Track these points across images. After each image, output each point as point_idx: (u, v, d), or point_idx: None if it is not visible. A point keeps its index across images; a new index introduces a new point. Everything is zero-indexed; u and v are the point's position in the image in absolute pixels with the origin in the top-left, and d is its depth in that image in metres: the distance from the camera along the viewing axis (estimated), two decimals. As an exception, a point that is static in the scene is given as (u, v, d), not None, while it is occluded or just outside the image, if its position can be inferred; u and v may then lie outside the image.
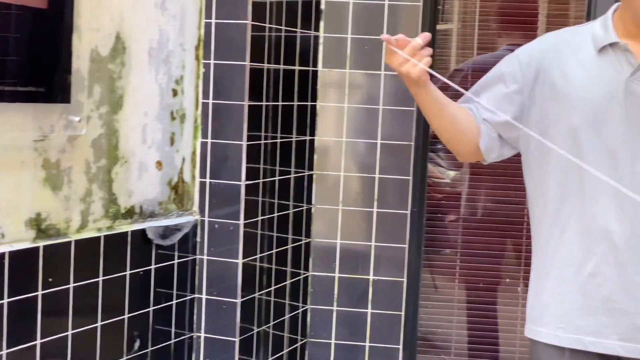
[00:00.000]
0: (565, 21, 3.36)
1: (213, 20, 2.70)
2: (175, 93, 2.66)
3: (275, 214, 2.92)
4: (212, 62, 2.72)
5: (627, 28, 2.10)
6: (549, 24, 3.36)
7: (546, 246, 2.22)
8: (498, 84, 2.26)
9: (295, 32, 2.97)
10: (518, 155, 2.29)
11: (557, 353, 2.16)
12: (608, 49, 2.11)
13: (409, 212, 3.11)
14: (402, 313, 3.12)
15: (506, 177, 3.30)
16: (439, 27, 3.29)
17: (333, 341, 3.14)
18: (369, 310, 3.12)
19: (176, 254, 2.66)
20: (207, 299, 2.75)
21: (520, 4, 3.35)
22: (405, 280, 3.12)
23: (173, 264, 2.65)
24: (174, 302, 2.67)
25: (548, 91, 2.16)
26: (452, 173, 3.46)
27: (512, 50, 3.27)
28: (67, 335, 2.25)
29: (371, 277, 3.12)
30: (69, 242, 2.24)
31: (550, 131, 2.14)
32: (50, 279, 2.17)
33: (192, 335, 2.76)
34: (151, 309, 2.57)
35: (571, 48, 2.16)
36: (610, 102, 2.08)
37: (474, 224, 3.40)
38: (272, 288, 2.93)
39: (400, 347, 3.13)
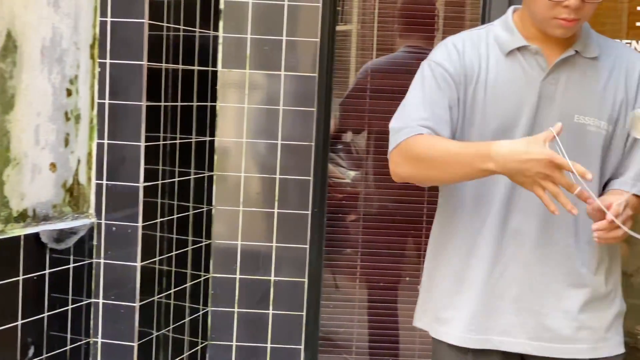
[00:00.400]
0: (462, 23, 3.42)
1: (109, 19, 2.65)
2: (69, 93, 2.59)
3: (175, 216, 2.88)
4: (108, 61, 2.66)
5: (529, 30, 2.12)
6: (446, 26, 3.41)
7: (458, 246, 2.20)
8: (435, 99, 2.13)
9: (194, 31, 2.93)
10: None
11: (461, 353, 2.18)
12: (516, 52, 2.12)
13: (310, 212, 3.12)
14: (304, 313, 3.12)
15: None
16: (338, 28, 3.30)
17: (234, 343, 3.12)
18: (270, 312, 3.11)
19: (72, 257, 2.59)
20: (104, 304, 2.69)
21: (418, 5, 3.39)
22: (306, 280, 3.12)
23: (68, 268, 2.58)
24: (70, 307, 2.60)
25: (466, 97, 2.14)
26: (352, 173, 3.47)
27: (411, 53, 3.36)
28: (-44, 344, 2.18)
29: (272, 278, 3.11)
30: (-42, 248, 2.17)
31: (465, 136, 2.13)
32: (-63, 286, 2.10)
33: (89, 341, 2.70)
34: (46, 314, 2.50)
35: (479, 52, 2.16)
36: (522, 106, 2.10)
37: (374, 224, 3.42)
38: (172, 291, 2.89)
39: (302, 347, 3.13)
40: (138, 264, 2.66)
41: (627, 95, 2.13)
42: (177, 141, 2.87)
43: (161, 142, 2.77)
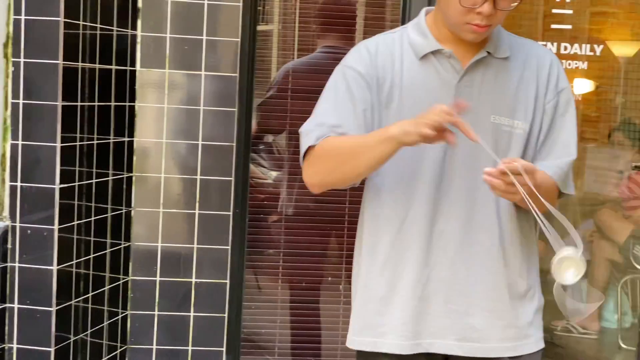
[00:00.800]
0: (382, 24, 3.44)
1: (22, 17, 2.59)
2: (-19, 93, 2.53)
3: (93, 218, 2.83)
4: (22, 60, 2.60)
5: (442, 32, 2.12)
6: (366, 26, 3.42)
7: (382, 253, 2.19)
8: (347, 104, 2.11)
9: (112, 30, 2.89)
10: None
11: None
12: (430, 56, 2.12)
13: (231, 213, 3.10)
14: (226, 315, 3.10)
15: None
16: (259, 27, 3.29)
17: (154, 347, 3.08)
18: (192, 314, 3.08)
19: (-15, 262, 2.53)
20: (19, 309, 2.63)
21: (339, 6, 3.40)
22: (228, 281, 3.10)
23: (-19, 272, 2.52)
24: (-17, 312, 2.54)
25: (380, 100, 2.13)
26: (274, 173, 3.47)
27: (331, 53, 3.36)
28: None
29: (193, 279, 3.08)
30: None
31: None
32: None
33: (4, 347, 2.63)
34: (-42, 320, 2.43)
35: (393, 56, 2.15)
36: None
37: (296, 224, 3.42)
38: (90, 294, 2.84)
39: (224, 349, 3.11)
40: (54, 268, 2.61)
41: (539, 92, 2.15)
42: (95, 142, 2.82)
43: (78, 143, 2.71)
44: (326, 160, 2.08)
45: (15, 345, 2.64)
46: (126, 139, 3.02)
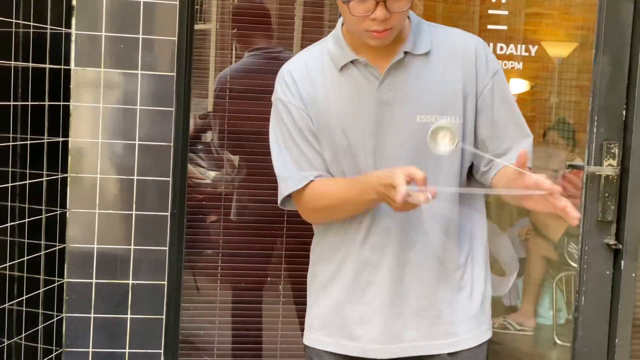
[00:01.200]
0: (320, 23, 3.44)
1: (-48, 14, 2.53)
2: None
3: (26, 220, 2.77)
4: (-48, 58, 2.54)
5: (357, 41, 2.11)
6: (305, 26, 3.42)
7: (330, 254, 2.22)
8: (306, 140, 2.17)
9: (45, 28, 2.83)
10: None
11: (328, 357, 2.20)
12: (349, 65, 2.12)
13: (169, 214, 3.07)
14: (163, 317, 3.07)
15: (266, 176, 3.32)
16: (197, 26, 3.26)
17: (91, 349, 3.03)
18: (129, 316, 3.05)
19: None
20: (-50, 313, 2.57)
21: (277, 5, 3.39)
22: (166, 283, 3.07)
23: None
24: None
25: (315, 122, 2.15)
26: (212, 174, 3.45)
27: (270, 53, 3.36)
28: None
29: (130, 281, 3.05)
30: None
31: (328, 157, 2.16)
32: None
33: None
34: None
35: (315, 74, 2.16)
36: (363, 119, 2.11)
37: (235, 224, 3.40)
38: (24, 297, 2.78)
39: (162, 351, 3.08)
40: (-13, 271, 2.56)
41: (467, 81, 2.13)
42: (28, 142, 2.77)
43: (10, 143, 2.66)
44: (316, 210, 2.19)
45: (-54, 351, 2.58)
46: (61, 139, 2.97)
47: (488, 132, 2.16)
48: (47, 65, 2.86)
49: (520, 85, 4.07)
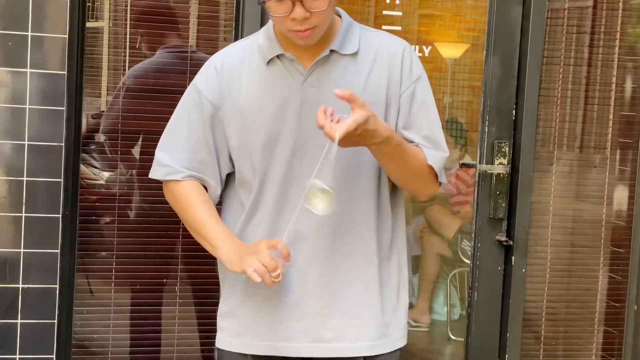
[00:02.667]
0: (216, 22, 3.42)
1: None
2: None
3: None
4: None
5: (286, 37, 2.13)
6: (200, 25, 3.39)
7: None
8: (202, 137, 2.21)
9: None
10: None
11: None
12: (276, 60, 2.13)
13: (60, 215, 3.00)
14: (55, 321, 3.00)
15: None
16: (88, 24, 3.19)
17: (-21, 357, 2.94)
18: (19, 321, 2.96)
19: None
20: None
21: (172, 4, 3.35)
22: (57, 286, 3.00)
23: None
24: None
25: (232, 114, 2.15)
26: (106, 174, 3.38)
27: (170, 52, 3.31)
28: None
29: (20, 285, 2.96)
30: None
31: (242, 152, 2.16)
32: None
33: None
34: None
35: (241, 66, 2.16)
36: (285, 114, 2.11)
37: (130, 225, 3.34)
38: None
39: (54, 356, 3.01)
40: None
41: (391, 84, 2.16)
42: None
43: None
44: (173, 205, 2.28)
45: None
46: (-55, 139, 2.87)
47: (401, 134, 2.18)
48: None
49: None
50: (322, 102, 2.09)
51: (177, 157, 2.21)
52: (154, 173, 2.29)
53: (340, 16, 2.18)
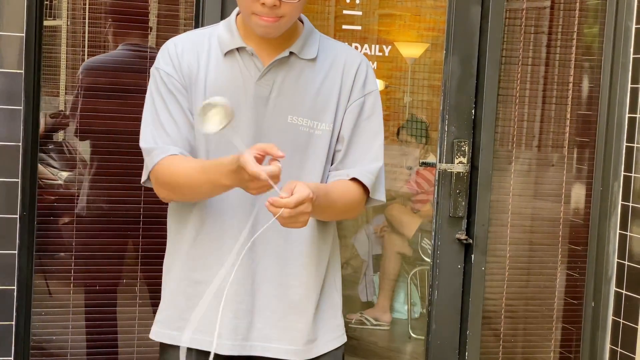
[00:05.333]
0: (176, 21, 3.40)
1: None
2: None
3: None
4: None
5: (248, 31, 2.13)
6: (160, 24, 3.37)
7: (182, 250, 2.22)
8: (177, 113, 2.14)
9: None
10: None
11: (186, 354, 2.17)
12: (235, 52, 2.13)
13: (18, 216, 2.96)
14: (13, 323, 2.97)
15: (122, 177, 3.27)
16: (46, 23, 3.16)
17: None
18: (-24, 323, 2.93)
19: None
20: None
21: (130, 2, 3.32)
22: (15, 287, 2.97)
23: None
24: None
25: (194, 96, 2.13)
26: (64, 174, 3.35)
27: (129, 51, 3.28)
28: None
29: (-23, 287, 2.93)
30: None
31: (198, 136, 2.14)
32: None
33: None
34: None
35: (199, 53, 2.15)
36: (240, 108, 2.10)
37: (89, 225, 3.32)
38: None
39: (12, 358, 2.97)
40: None
41: (342, 93, 2.17)
42: None
43: None
44: (167, 185, 2.12)
45: None
46: None
47: (341, 144, 2.19)
48: None
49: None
50: (274, 102, 2.12)
51: (163, 140, 2.13)
52: (152, 161, 2.13)
53: (302, 22, 2.19)
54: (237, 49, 2.14)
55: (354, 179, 2.16)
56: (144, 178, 2.19)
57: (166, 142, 2.12)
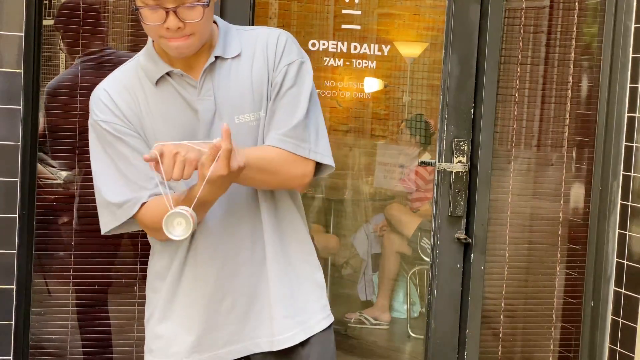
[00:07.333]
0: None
1: None
2: None
3: None
4: None
5: (169, 54, 2.11)
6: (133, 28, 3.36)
7: (173, 272, 2.26)
8: (134, 158, 2.13)
9: None
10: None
11: None
12: (166, 78, 2.12)
13: (17, 215, 2.96)
14: (12, 322, 2.97)
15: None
16: (45, 22, 3.16)
17: None
18: (-25, 322, 2.93)
19: None
20: None
21: (114, 7, 3.31)
22: (14, 287, 2.97)
23: None
24: None
25: (143, 135, 2.14)
26: (64, 174, 3.35)
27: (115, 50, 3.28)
28: None
29: (-23, 286, 2.93)
30: None
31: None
32: None
33: None
34: None
35: (133, 92, 2.14)
36: (189, 129, 2.11)
37: (88, 225, 3.31)
38: None
39: (11, 358, 2.97)
40: None
41: (270, 74, 2.16)
42: None
43: None
44: (157, 230, 2.07)
45: None
46: None
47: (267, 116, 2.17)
48: None
49: (374, 84, 4.16)
50: (218, 109, 2.12)
51: (131, 189, 2.13)
52: (111, 223, 2.22)
53: (216, 23, 2.19)
54: (168, 74, 2.13)
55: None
56: (107, 229, 2.23)
57: (134, 189, 2.13)
